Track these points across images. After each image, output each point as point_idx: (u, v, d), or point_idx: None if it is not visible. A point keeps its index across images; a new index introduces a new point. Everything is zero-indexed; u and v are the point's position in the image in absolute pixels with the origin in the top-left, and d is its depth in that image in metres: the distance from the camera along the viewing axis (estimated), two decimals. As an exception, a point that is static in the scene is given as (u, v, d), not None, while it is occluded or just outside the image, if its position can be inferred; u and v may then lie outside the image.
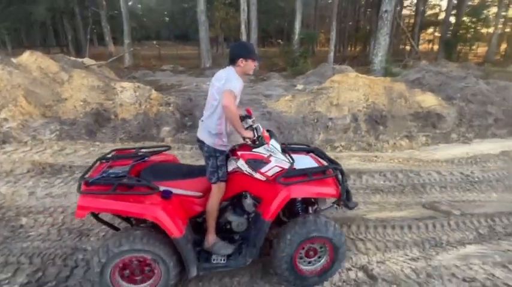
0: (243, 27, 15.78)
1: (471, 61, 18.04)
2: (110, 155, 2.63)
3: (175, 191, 2.34)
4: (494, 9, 21.73)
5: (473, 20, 18.16)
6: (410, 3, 32.71)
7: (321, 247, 2.49)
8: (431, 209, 3.92)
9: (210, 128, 2.37)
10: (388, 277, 2.69)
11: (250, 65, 2.39)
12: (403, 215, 3.72)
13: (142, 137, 5.89)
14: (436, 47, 26.88)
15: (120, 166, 2.47)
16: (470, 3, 21.50)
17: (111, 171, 2.33)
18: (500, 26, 22.51)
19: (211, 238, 2.46)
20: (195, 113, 6.71)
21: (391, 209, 3.88)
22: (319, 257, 2.53)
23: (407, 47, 23.37)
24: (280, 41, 22.65)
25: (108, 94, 6.67)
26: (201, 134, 2.45)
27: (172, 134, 6.00)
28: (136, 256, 2.16)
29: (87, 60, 10.73)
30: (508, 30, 24.77)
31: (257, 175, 2.39)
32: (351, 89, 6.93)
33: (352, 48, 34.09)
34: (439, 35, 23.76)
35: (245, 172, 2.40)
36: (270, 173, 2.37)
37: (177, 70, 15.48)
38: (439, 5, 33.33)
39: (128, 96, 6.65)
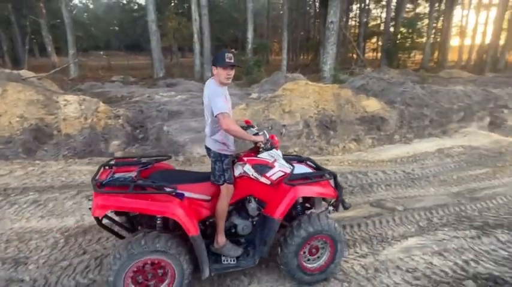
0: (195, 36, 15.71)
1: (409, 68, 19.71)
2: (112, 162, 2.65)
3: (186, 194, 2.39)
4: (426, 21, 24.09)
5: (409, 30, 19.91)
6: (355, 15, 35.15)
7: (322, 245, 2.68)
8: (378, 207, 4.18)
9: (215, 138, 2.50)
10: (340, 276, 2.81)
11: (221, 73, 2.40)
12: (352, 215, 3.91)
13: (88, 153, 5.56)
14: (379, 55, 29.01)
15: (124, 172, 2.48)
16: (405, 15, 23.63)
17: (117, 176, 2.34)
18: (432, 36, 25.04)
19: (221, 240, 2.53)
20: (147, 125, 6.50)
21: (342, 210, 4.06)
22: (321, 254, 2.71)
23: (354, 56, 24.97)
24: (234, 50, 22.85)
25: (50, 108, 6.20)
26: (207, 141, 2.58)
27: (123, 148, 5.74)
28: (155, 258, 2.19)
29: (25, 73, 9.87)
30: (438, 39, 27.58)
31: (262, 179, 2.55)
32: (302, 97, 7.21)
33: (304, 57, 35.55)
34: (382, 44, 25.69)
35: (251, 176, 2.55)
36: (274, 177, 2.54)
37: (128, 81, 14.88)
38: (380, 17, 36.18)
39: (73, 109, 6.25)
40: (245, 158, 2.60)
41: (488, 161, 5.88)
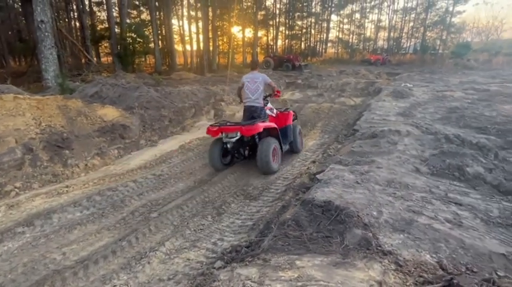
0: None
1: (145, 71, 20.53)
2: (218, 124, 5.39)
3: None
4: (151, 28, 25.74)
5: (137, 36, 20.47)
6: (77, 16, 31.87)
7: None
8: (131, 222, 3.93)
9: (259, 102, 5.53)
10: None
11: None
12: (105, 243, 3.44)
13: None
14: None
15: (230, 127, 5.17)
16: (131, 21, 24.15)
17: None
18: (159, 42, 27.25)
19: None
20: None
21: (92, 242, 3.48)
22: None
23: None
24: None
25: None
26: (255, 103, 5.52)
27: None
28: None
29: None
30: (165, 45, 30.48)
31: (274, 114, 6.04)
32: (13, 115, 5.57)
33: (19, 63, 28.64)
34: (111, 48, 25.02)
35: (272, 114, 5.99)
36: (275, 112, 6.12)
37: None
38: (107, 20, 34.88)
39: None
40: (265, 107, 5.75)
41: (218, 147, 7.06)
